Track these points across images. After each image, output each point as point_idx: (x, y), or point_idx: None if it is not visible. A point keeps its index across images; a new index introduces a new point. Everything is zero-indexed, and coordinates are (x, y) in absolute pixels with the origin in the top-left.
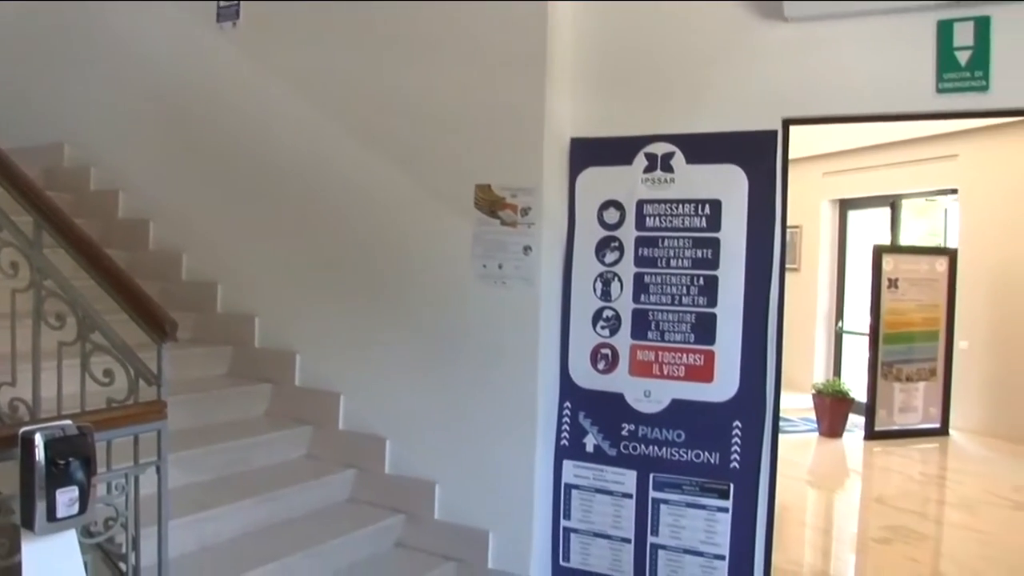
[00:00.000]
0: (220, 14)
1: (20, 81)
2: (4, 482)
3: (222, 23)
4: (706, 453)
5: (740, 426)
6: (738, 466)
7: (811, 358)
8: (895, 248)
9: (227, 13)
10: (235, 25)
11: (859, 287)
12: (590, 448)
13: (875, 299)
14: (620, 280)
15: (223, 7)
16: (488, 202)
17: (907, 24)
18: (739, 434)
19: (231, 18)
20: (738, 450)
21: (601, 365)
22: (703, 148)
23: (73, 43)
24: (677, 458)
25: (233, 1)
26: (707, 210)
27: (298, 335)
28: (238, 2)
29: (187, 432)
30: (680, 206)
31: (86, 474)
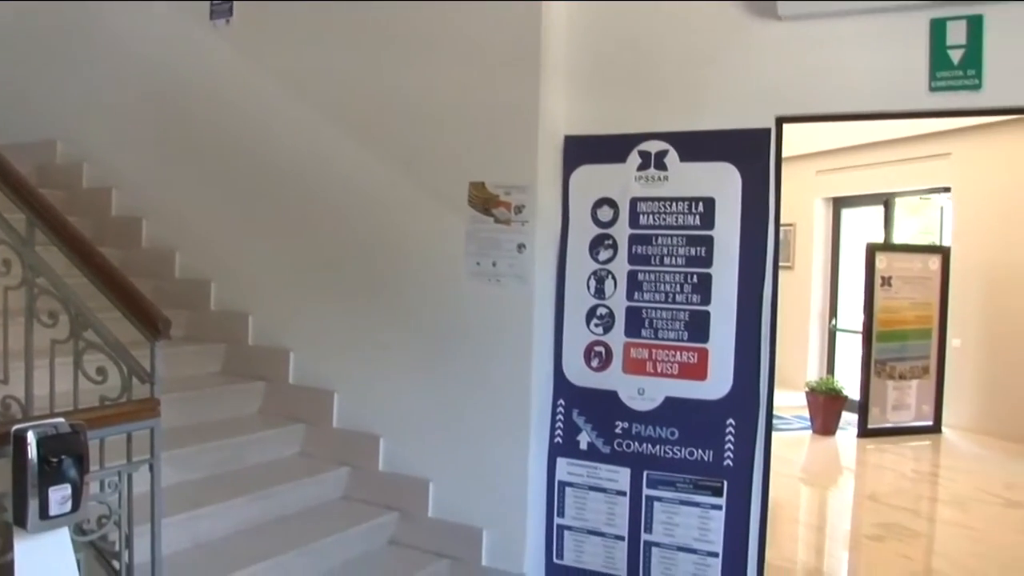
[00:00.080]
0: (213, 11)
1: (13, 78)
2: None
3: (215, 20)
4: (700, 451)
5: (733, 424)
6: (731, 464)
7: (804, 356)
8: (888, 246)
9: (220, 11)
10: (228, 23)
11: (852, 285)
12: (584, 446)
13: (868, 297)
14: (614, 278)
15: (216, 5)
16: (482, 200)
17: (900, 23)
18: (732, 432)
19: (224, 15)
20: (731, 448)
21: (595, 363)
22: (697, 146)
23: (66, 40)
24: (671, 456)
25: None
26: (700, 208)
27: (292, 333)
28: (231, 0)
29: (180, 430)
30: (673, 204)
31: (79, 472)
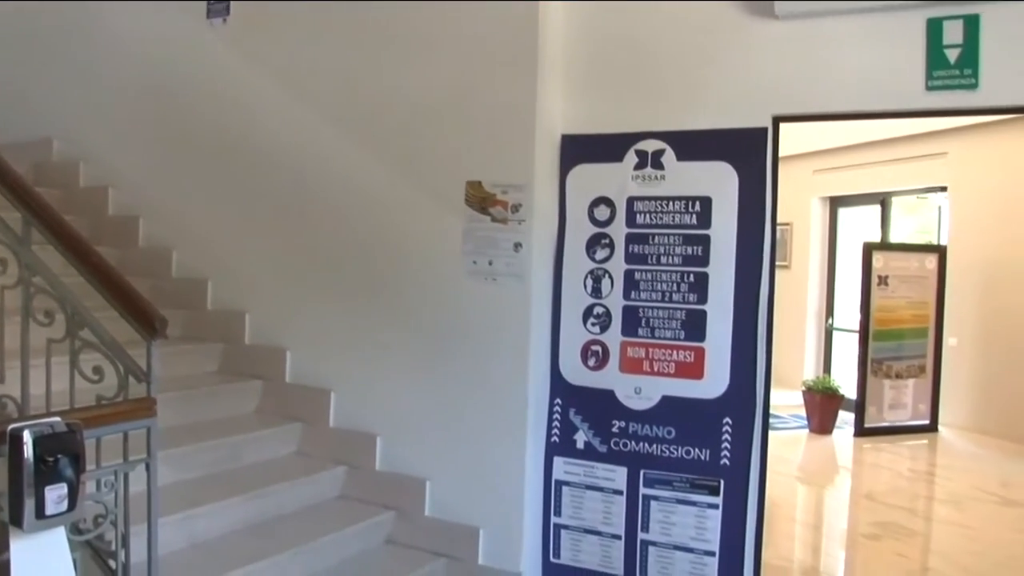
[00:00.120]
0: (210, 10)
1: (9, 76)
2: None
3: (212, 19)
4: (696, 450)
5: (730, 423)
6: (728, 463)
7: (801, 355)
8: (885, 245)
9: (217, 9)
10: (225, 21)
11: (849, 284)
12: (580, 445)
13: (865, 296)
14: (611, 277)
15: (213, 4)
16: (479, 199)
17: (897, 22)
18: (729, 431)
19: (221, 14)
20: (728, 447)
21: (591, 362)
22: (693, 145)
23: (63, 39)
24: (667, 455)
25: None
26: (697, 207)
27: (288, 332)
28: None
29: (177, 429)
30: (670, 203)
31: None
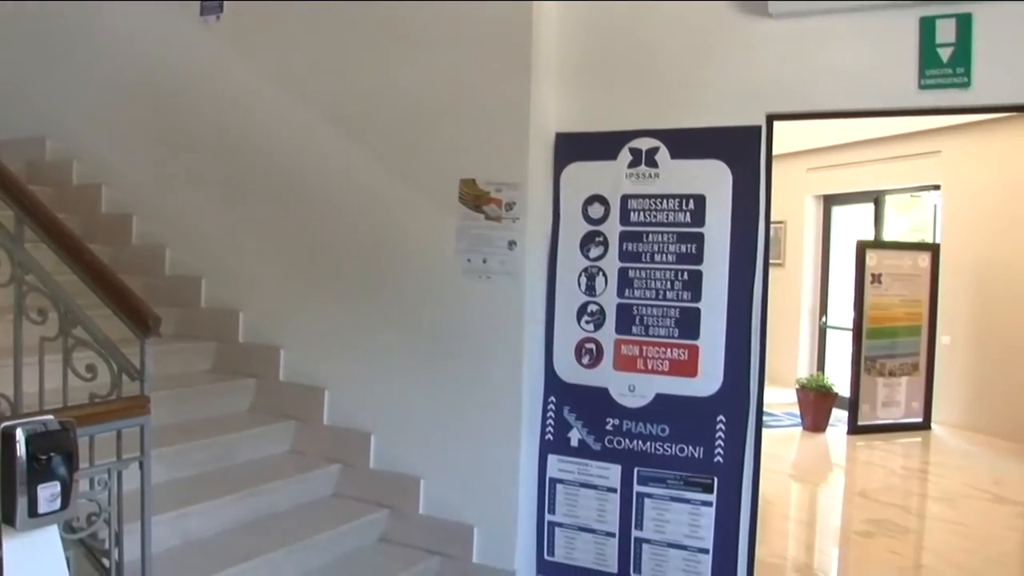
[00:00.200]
0: (203, 7)
1: (1, 74)
2: None
3: (206, 16)
4: (690, 447)
5: (724, 420)
6: (722, 460)
7: (795, 353)
8: (878, 244)
9: (210, 7)
10: (219, 19)
11: (843, 282)
12: (575, 442)
13: (858, 294)
14: (605, 275)
15: (206, 2)
16: (473, 197)
17: (890, 21)
18: (723, 428)
19: (214, 12)
20: (722, 444)
21: (586, 359)
22: (687, 143)
23: (56, 36)
24: (661, 452)
25: None
26: (691, 205)
27: (282, 330)
28: None
29: (170, 428)
30: (664, 201)
31: (68, 470)
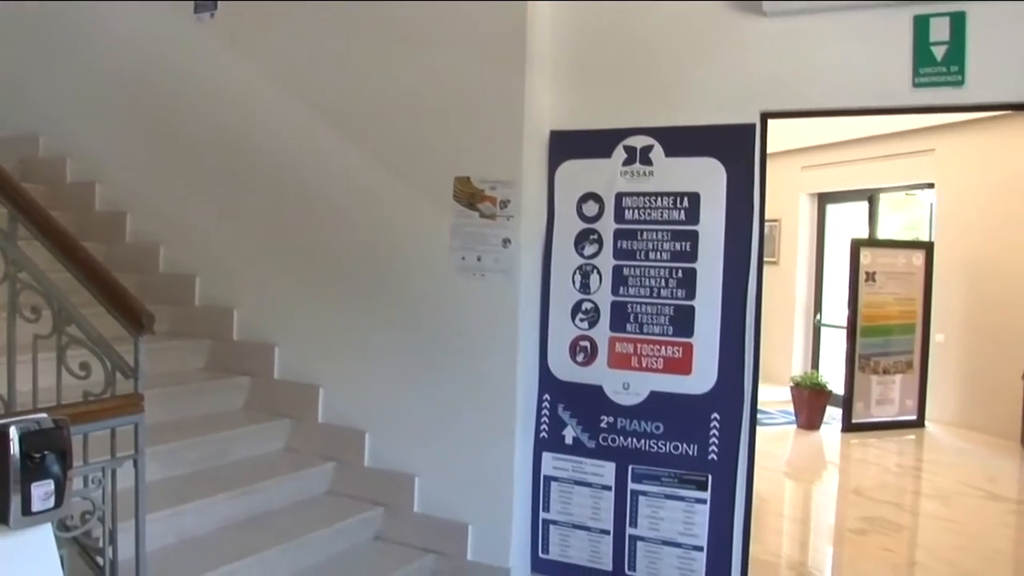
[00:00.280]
0: (197, 5)
1: None
2: None
3: (200, 14)
4: (684, 445)
5: (718, 418)
6: (716, 458)
7: (789, 351)
8: (872, 242)
9: (204, 5)
10: (213, 16)
11: (837, 280)
12: (569, 440)
13: (853, 292)
14: (599, 272)
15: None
16: (467, 194)
17: (884, 19)
18: (717, 426)
19: (209, 10)
20: (716, 442)
21: (580, 357)
22: (682, 141)
23: (50, 33)
24: (655, 450)
25: None
26: (686, 203)
27: (276, 328)
28: None
29: (165, 426)
30: (659, 199)
31: (62, 467)
